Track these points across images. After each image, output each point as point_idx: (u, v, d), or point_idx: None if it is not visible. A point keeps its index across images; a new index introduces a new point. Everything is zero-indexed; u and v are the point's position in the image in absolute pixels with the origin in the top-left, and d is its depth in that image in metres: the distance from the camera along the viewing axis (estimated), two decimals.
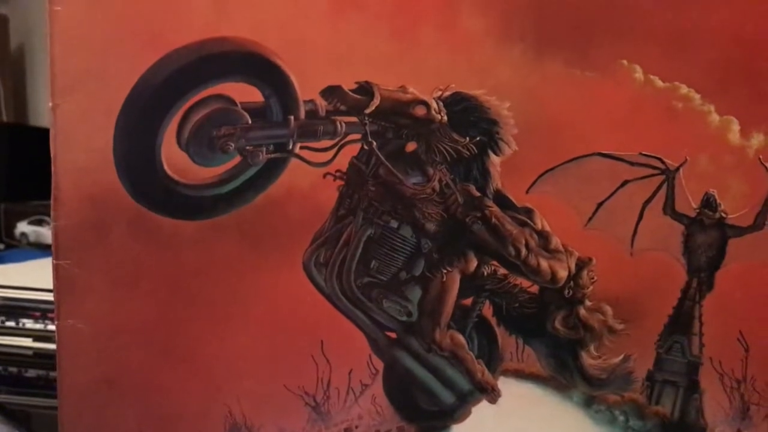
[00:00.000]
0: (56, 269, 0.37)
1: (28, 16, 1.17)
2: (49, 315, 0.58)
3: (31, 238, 0.97)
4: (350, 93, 0.36)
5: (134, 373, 0.38)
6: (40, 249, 0.93)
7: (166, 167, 0.37)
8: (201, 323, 0.38)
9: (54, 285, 0.38)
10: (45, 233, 0.95)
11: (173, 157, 0.37)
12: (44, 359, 0.58)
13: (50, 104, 0.37)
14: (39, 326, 0.59)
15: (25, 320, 0.59)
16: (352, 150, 0.37)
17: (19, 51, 1.22)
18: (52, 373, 0.57)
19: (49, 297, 0.50)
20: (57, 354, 0.38)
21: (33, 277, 0.63)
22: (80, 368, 0.38)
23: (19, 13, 1.18)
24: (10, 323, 0.59)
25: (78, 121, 0.37)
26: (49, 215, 0.38)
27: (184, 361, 0.38)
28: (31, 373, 0.58)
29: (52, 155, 0.37)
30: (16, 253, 0.90)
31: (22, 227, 0.97)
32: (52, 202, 0.37)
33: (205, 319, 0.38)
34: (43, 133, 0.38)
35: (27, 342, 0.58)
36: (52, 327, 0.57)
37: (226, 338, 0.38)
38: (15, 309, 0.59)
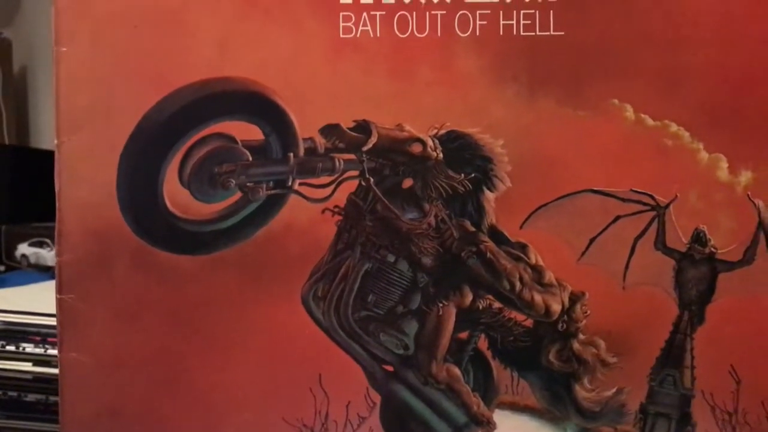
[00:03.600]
0: (60, 303, 0.38)
1: (32, 38, 1.18)
2: (50, 339, 0.59)
3: (32, 260, 0.97)
4: (348, 131, 0.37)
5: (136, 405, 0.39)
6: (40, 271, 0.93)
7: (168, 203, 0.38)
8: (202, 356, 0.38)
9: (57, 318, 0.38)
10: (46, 255, 0.95)
11: (175, 194, 0.38)
12: (44, 384, 0.58)
13: (56, 141, 0.38)
14: (39, 351, 0.59)
15: (25, 344, 0.59)
16: (350, 186, 0.38)
17: (22, 73, 1.23)
18: (51, 398, 0.58)
19: (50, 321, 0.50)
20: (60, 386, 0.39)
21: (33, 300, 0.63)
22: (83, 400, 0.39)
23: (22, 36, 1.20)
24: (10, 347, 0.59)
25: (82, 157, 0.38)
26: (49, 237, 0.38)
27: (184, 393, 0.39)
28: (31, 397, 0.59)
29: (56, 190, 0.38)
30: (17, 275, 0.90)
31: (23, 249, 0.98)
32: (56, 236, 0.38)
33: (206, 352, 0.38)
34: (45, 156, 0.39)
35: (27, 366, 0.59)
36: (52, 351, 0.58)
37: (226, 370, 0.38)
38: (15, 333, 0.59)
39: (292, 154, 0.38)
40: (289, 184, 0.38)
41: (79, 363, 0.38)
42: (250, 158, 0.38)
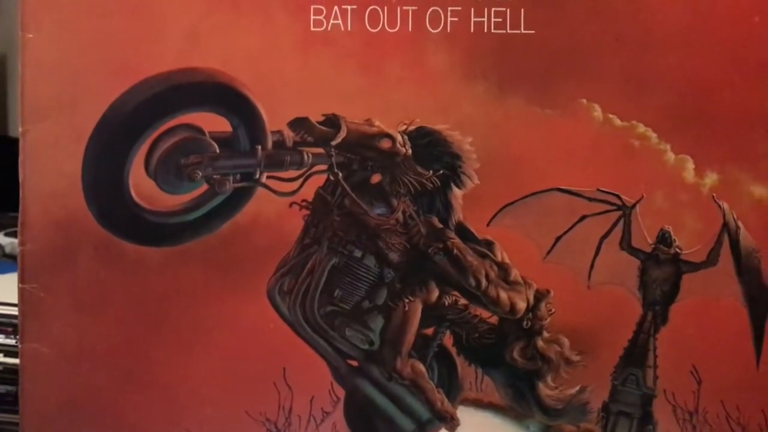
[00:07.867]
0: (21, 293, 0.38)
1: (10, 25, 1.16)
2: None
3: (8, 250, 0.96)
4: (317, 125, 0.37)
5: (98, 397, 0.38)
6: (16, 261, 0.92)
7: (133, 194, 0.37)
8: (165, 349, 0.38)
9: (19, 308, 0.38)
10: None
11: (141, 185, 0.37)
12: (13, 375, 0.57)
13: (20, 129, 0.38)
14: (10, 341, 0.58)
15: None
16: (318, 180, 0.38)
17: (1, 62, 1.22)
18: None
19: None
20: (20, 377, 0.38)
21: (5, 290, 0.62)
22: (43, 392, 0.38)
23: (1, 24, 1.18)
24: None
25: (47, 146, 0.37)
26: None
27: (147, 386, 0.38)
28: (0, 388, 0.58)
29: (20, 180, 0.38)
30: None
31: None
32: (19, 226, 0.38)
33: (169, 345, 0.38)
34: None
35: None
36: None
37: (190, 364, 0.38)
38: None
39: (260, 147, 0.37)
40: (257, 177, 0.38)
41: (40, 354, 0.38)
42: (218, 150, 0.37)
